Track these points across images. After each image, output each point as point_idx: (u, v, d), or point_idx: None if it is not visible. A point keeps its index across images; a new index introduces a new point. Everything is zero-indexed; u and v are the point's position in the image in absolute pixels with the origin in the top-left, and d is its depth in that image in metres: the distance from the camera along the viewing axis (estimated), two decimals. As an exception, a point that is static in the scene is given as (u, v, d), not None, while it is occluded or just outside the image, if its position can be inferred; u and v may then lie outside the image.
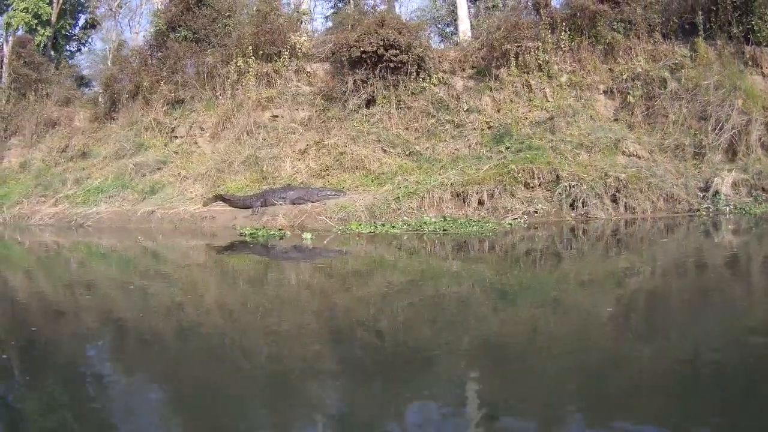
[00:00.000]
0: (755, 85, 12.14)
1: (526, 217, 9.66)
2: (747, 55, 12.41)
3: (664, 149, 11.27)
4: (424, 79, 12.59)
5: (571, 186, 9.91)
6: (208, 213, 11.41)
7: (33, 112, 16.63)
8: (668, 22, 12.68)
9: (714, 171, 10.70)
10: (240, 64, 13.72)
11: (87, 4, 23.82)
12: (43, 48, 20.37)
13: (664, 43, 12.60)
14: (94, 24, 24.47)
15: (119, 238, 10.36)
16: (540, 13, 12.86)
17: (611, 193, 9.96)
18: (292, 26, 14.33)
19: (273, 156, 12.25)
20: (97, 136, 15.45)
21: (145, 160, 13.49)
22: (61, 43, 22.54)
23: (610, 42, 12.52)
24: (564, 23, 12.52)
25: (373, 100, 12.55)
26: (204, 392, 2.86)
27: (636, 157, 10.94)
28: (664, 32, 12.68)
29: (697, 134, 11.36)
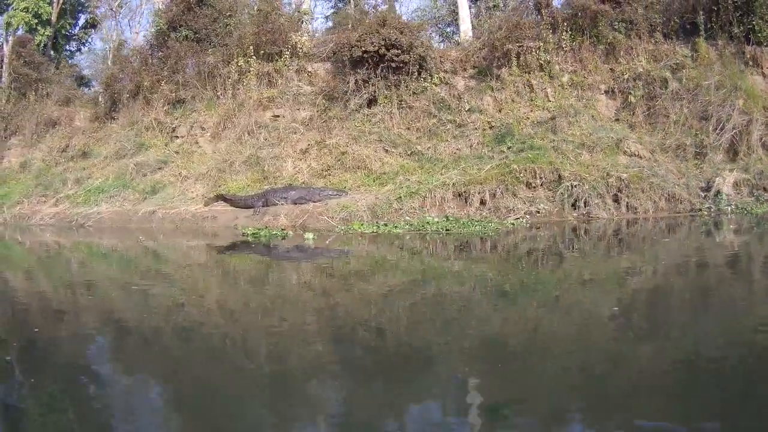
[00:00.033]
0: (756, 85, 12.15)
1: (528, 216, 9.65)
2: (748, 56, 12.42)
3: (665, 149, 11.28)
4: (426, 78, 12.58)
5: (573, 186, 9.91)
6: (210, 213, 11.40)
7: (33, 112, 16.64)
8: (669, 22, 12.68)
9: (715, 171, 10.70)
10: (241, 63, 13.72)
11: (87, 3, 23.83)
12: (43, 48, 20.37)
13: (665, 43, 12.62)
14: (94, 24, 24.46)
15: (120, 238, 10.34)
16: (541, 13, 12.86)
17: (613, 193, 9.96)
18: (293, 26, 14.33)
19: (274, 156, 12.25)
20: (98, 136, 15.44)
21: (146, 160, 13.48)
22: (61, 43, 22.54)
23: (611, 42, 12.53)
24: (565, 23, 12.52)
25: (375, 100, 12.55)
26: (208, 392, 2.85)
27: (637, 157, 10.94)
28: (665, 32, 12.69)
29: (698, 134, 11.36)
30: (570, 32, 12.51)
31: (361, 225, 9.33)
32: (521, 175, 10.18)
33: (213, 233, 10.44)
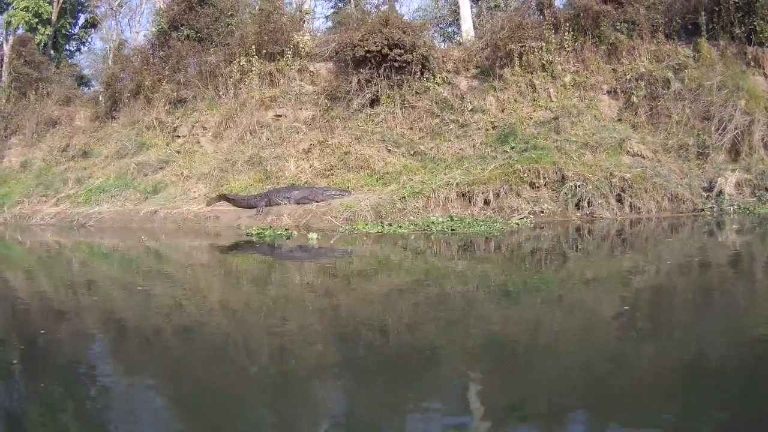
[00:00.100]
0: (757, 85, 12.18)
1: (532, 216, 9.66)
2: (749, 56, 12.44)
3: (667, 149, 11.30)
4: (428, 78, 12.58)
5: (577, 186, 9.93)
6: (212, 213, 11.37)
7: (33, 111, 16.58)
8: (671, 23, 12.70)
9: (717, 171, 10.73)
10: (243, 63, 13.70)
11: (87, 3, 23.79)
12: (43, 47, 20.30)
13: (667, 44, 12.63)
14: (94, 23, 24.41)
15: (122, 238, 10.31)
16: (543, 14, 12.87)
17: (616, 193, 9.98)
18: (295, 25, 14.32)
19: (276, 155, 12.23)
20: (98, 136, 15.39)
21: (147, 160, 13.44)
22: (61, 43, 22.49)
23: (613, 42, 12.54)
24: (567, 23, 12.53)
25: (378, 100, 12.54)
26: (215, 393, 2.84)
27: (640, 157, 10.97)
28: (667, 33, 12.71)
29: (700, 134, 11.39)
30: (572, 32, 12.53)
31: (366, 225, 9.31)
32: (525, 175, 10.18)
33: (216, 233, 10.41)
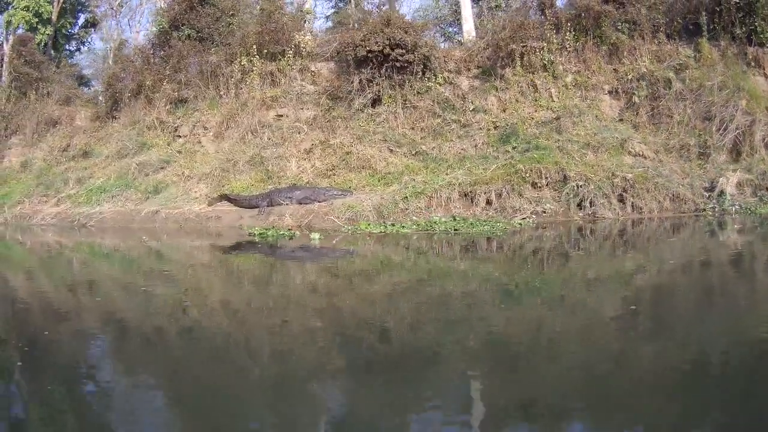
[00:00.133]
0: (758, 85, 12.20)
1: (535, 216, 9.67)
2: (750, 56, 12.47)
3: (669, 149, 11.32)
4: (430, 78, 12.59)
5: (579, 186, 9.94)
6: (214, 213, 11.35)
7: (34, 111, 16.55)
8: (672, 23, 12.72)
9: (719, 171, 10.74)
10: (244, 63, 13.68)
11: (87, 3, 23.75)
12: (43, 47, 20.26)
13: (668, 44, 12.65)
14: (94, 23, 24.38)
15: (123, 238, 10.29)
16: (545, 14, 12.88)
17: (618, 193, 9.99)
18: (296, 25, 14.32)
19: (278, 155, 12.22)
20: (99, 136, 15.37)
21: (148, 160, 13.42)
22: (61, 42, 22.44)
23: (614, 42, 12.56)
24: (569, 23, 12.55)
25: (379, 100, 12.54)
26: (220, 393, 2.85)
27: (642, 157, 10.98)
28: (668, 33, 12.73)
29: (701, 134, 11.40)
30: (573, 32, 12.54)
31: (369, 225, 9.31)
32: (527, 175, 10.19)
33: (217, 233, 10.40)
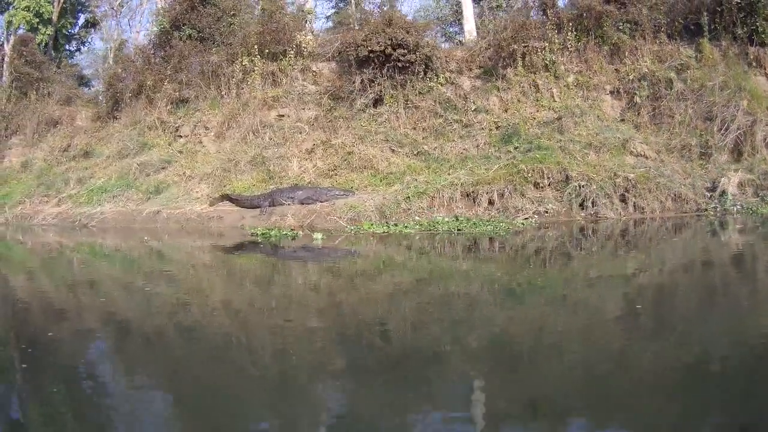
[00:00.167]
0: (759, 86, 12.21)
1: (537, 216, 9.67)
2: (751, 56, 12.47)
3: (670, 149, 11.32)
4: (432, 78, 12.59)
5: (581, 186, 9.94)
6: (215, 213, 11.34)
7: (34, 111, 16.53)
8: (673, 23, 12.73)
9: (720, 171, 10.75)
10: (245, 63, 13.68)
11: (87, 3, 23.71)
12: (44, 47, 20.24)
13: (670, 44, 12.65)
14: (95, 23, 24.35)
15: (124, 239, 10.28)
16: (547, 14, 12.89)
17: (620, 193, 9.99)
18: (298, 25, 14.31)
19: (279, 155, 12.21)
20: (100, 136, 15.36)
21: (149, 160, 13.41)
22: (61, 43, 22.42)
23: (616, 42, 12.57)
24: (570, 24, 12.56)
25: (381, 100, 12.54)
26: (223, 393, 2.84)
27: (644, 157, 10.98)
28: (670, 33, 12.73)
29: (703, 134, 11.41)
30: (575, 33, 12.55)
31: (371, 225, 9.31)
32: (529, 175, 10.19)
33: (219, 233, 10.39)
